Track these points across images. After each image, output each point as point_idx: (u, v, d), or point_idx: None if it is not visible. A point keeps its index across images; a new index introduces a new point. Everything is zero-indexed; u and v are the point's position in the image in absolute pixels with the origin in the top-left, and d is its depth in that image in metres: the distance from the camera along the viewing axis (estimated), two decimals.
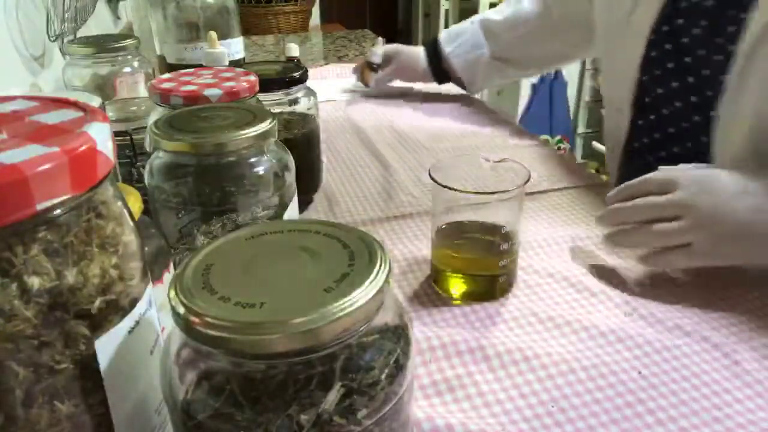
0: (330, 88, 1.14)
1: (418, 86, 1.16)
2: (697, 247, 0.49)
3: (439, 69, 1.03)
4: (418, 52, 1.04)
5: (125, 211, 0.26)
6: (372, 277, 0.24)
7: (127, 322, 0.25)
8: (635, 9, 0.68)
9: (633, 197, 0.53)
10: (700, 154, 0.63)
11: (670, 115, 0.68)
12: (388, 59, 1.07)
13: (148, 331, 0.27)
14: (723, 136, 0.61)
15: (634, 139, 0.73)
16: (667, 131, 0.69)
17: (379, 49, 1.07)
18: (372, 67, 1.08)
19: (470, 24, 1.00)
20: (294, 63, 0.69)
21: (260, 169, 0.43)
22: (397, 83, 1.13)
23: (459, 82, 1.04)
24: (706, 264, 0.51)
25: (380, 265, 0.25)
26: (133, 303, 0.25)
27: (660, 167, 0.55)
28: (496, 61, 0.99)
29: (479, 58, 0.98)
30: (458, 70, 1.01)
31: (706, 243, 0.49)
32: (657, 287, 0.52)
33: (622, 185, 0.55)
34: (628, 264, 0.55)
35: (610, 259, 0.56)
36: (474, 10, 3.12)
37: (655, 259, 0.52)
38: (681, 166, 0.55)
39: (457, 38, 1.00)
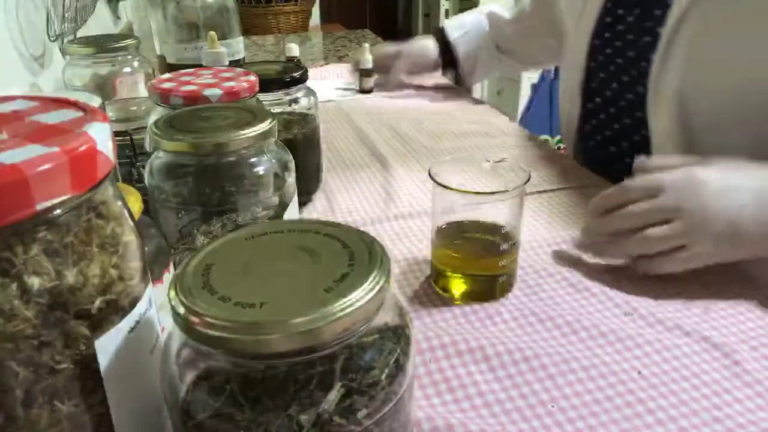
0: (330, 88, 1.14)
1: (419, 87, 1.16)
2: (694, 249, 0.50)
3: (446, 56, 1.06)
4: (426, 42, 1.07)
5: (125, 211, 0.26)
6: (372, 277, 0.24)
7: (127, 322, 0.25)
8: (585, 4, 0.77)
9: (615, 206, 0.53)
10: (638, 128, 0.70)
11: (610, 96, 0.76)
12: (392, 57, 1.08)
13: (148, 331, 0.27)
14: (653, 110, 0.68)
15: (585, 122, 0.81)
16: (609, 111, 0.77)
17: (368, 55, 1.08)
18: (368, 73, 1.09)
19: (477, 14, 1.06)
20: (294, 63, 0.69)
21: (260, 169, 0.43)
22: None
23: (457, 74, 1.08)
24: (703, 264, 0.51)
25: (380, 265, 0.25)
26: (133, 303, 0.25)
27: (635, 166, 0.56)
28: (498, 52, 1.04)
29: (482, 47, 1.03)
30: (461, 56, 1.04)
31: (702, 243, 0.49)
32: (657, 287, 0.52)
33: (602, 194, 0.55)
34: (628, 264, 0.55)
35: (610, 259, 0.56)
36: None
37: (650, 264, 0.52)
38: (656, 162, 0.55)
39: (463, 26, 1.04)
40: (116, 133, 0.53)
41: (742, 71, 0.60)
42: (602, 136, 0.78)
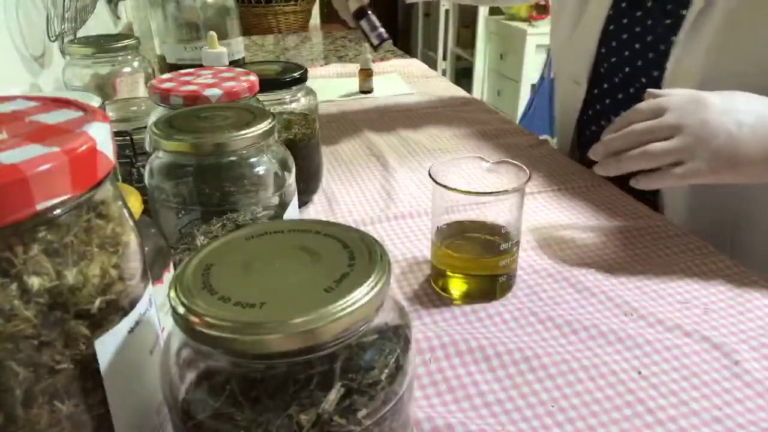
0: (330, 88, 1.14)
1: (419, 88, 1.16)
2: (692, 163, 0.51)
3: None
4: None
5: (125, 211, 0.26)
6: (372, 277, 0.24)
7: (127, 322, 0.25)
8: None
9: (625, 127, 0.55)
10: None
11: (620, 82, 0.75)
12: None
13: (148, 331, 0.27)
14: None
15: (588, 107, 0.81)
16: (617, 97, 0.76)
17: (368, 55, 1.08)
18: (368, 73, 1.09)
19: None
20: (294, 63, 0.69)
21: (260, 169, 0.43)
22: (396, 85, 1.13)
23: None
24: (699, 181, 0.52)
25: (380, 265, 0.25)
26: (133, 303, 0.25)
27: (648, 91, 0.57)
28: None
29: None
30: None
31: (700, 158, 0.51)
32: (657, 287, 0.52)
33: (616, 119, 0.56)
34: (628, 264, 0.55)
35: (610, 259, 0.56)
36: (474, 10, 3.12)
37: (648, 179, 0.53)
38: (666, 90, 0.57)
39: None
40: (116, 133, 0.53)
41: None
42: (606, 122, 0.78)
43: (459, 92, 1.14)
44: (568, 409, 0.40)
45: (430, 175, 0.48)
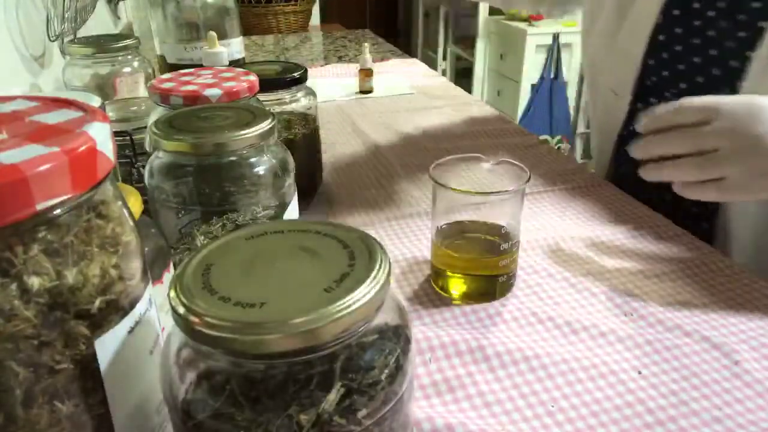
0: (330, 88, 1.14)
1: (419, 88, 1.16)
2: (738, 180, 0.47)
3: None
4: None
5: (125, 211, 0.26)
6: (372, 277, 0.24)
7: (127, 322, 0.25)
8: None
9: (668, 126, 0.50)
10: None
11: (672, 98, 0.66)
12: None
13: (148, 331, 0.27)
14: None
15: (631, 123, 0.73)
16: None
17: (367, 55, 1.08)
18: (368, 73, 1.09)
19: None
20: (294, 63, 0.69)
21: (260, 169, 0.43)
22: (396, 85, 1.13)
23: None
24: (743, 199, 0.49)
25: (380, 265, 0.25)
26: (133, 303, 0.25)
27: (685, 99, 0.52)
28: None
29: None
30: None
31: (748, 176, 0.47)
32: (657, 287, 0.52)
33: (657, 112, 0.51)
34: (628, 264, 0.55)
35: (610, 259, 0.56)
36: (474, 10, 3.12)
37: (684, 189, 0.50)
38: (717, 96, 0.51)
39: None
40: (116, 133, 0.53)
41: None
42: None
43: (459, 92, 1.14)
44: (568, 409, 0.40)
45: (430, 174, 0.48)
